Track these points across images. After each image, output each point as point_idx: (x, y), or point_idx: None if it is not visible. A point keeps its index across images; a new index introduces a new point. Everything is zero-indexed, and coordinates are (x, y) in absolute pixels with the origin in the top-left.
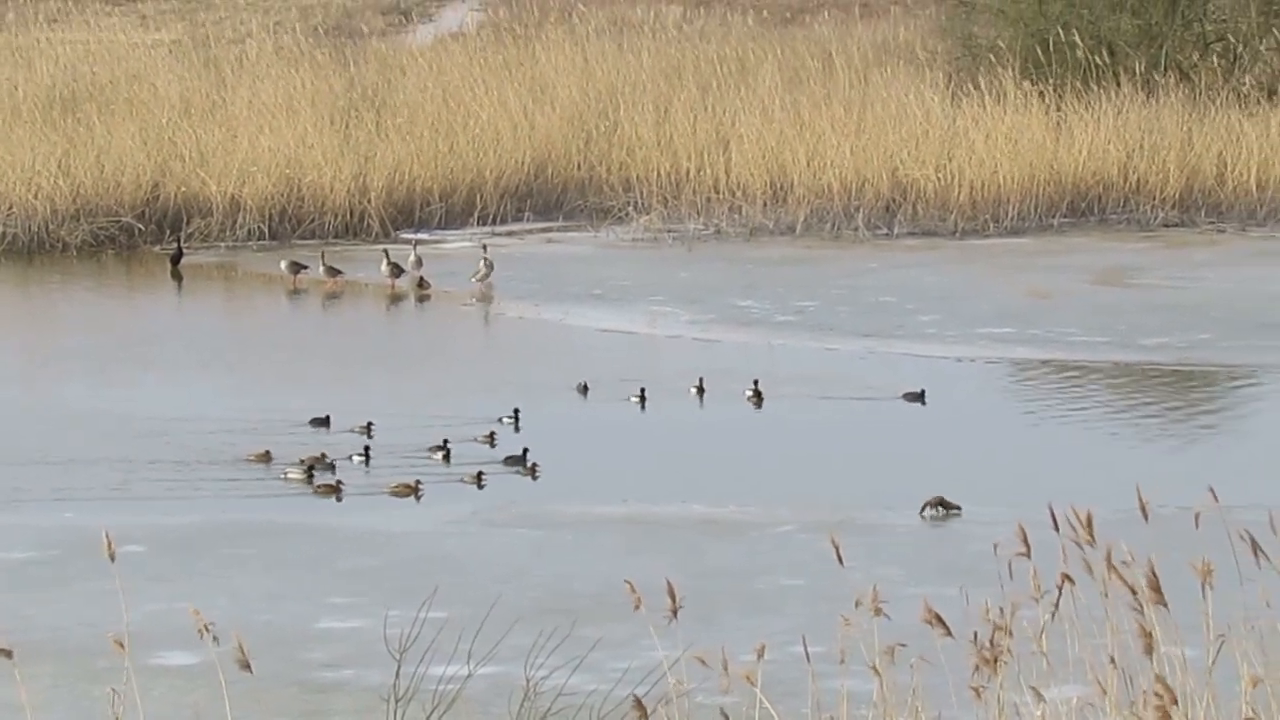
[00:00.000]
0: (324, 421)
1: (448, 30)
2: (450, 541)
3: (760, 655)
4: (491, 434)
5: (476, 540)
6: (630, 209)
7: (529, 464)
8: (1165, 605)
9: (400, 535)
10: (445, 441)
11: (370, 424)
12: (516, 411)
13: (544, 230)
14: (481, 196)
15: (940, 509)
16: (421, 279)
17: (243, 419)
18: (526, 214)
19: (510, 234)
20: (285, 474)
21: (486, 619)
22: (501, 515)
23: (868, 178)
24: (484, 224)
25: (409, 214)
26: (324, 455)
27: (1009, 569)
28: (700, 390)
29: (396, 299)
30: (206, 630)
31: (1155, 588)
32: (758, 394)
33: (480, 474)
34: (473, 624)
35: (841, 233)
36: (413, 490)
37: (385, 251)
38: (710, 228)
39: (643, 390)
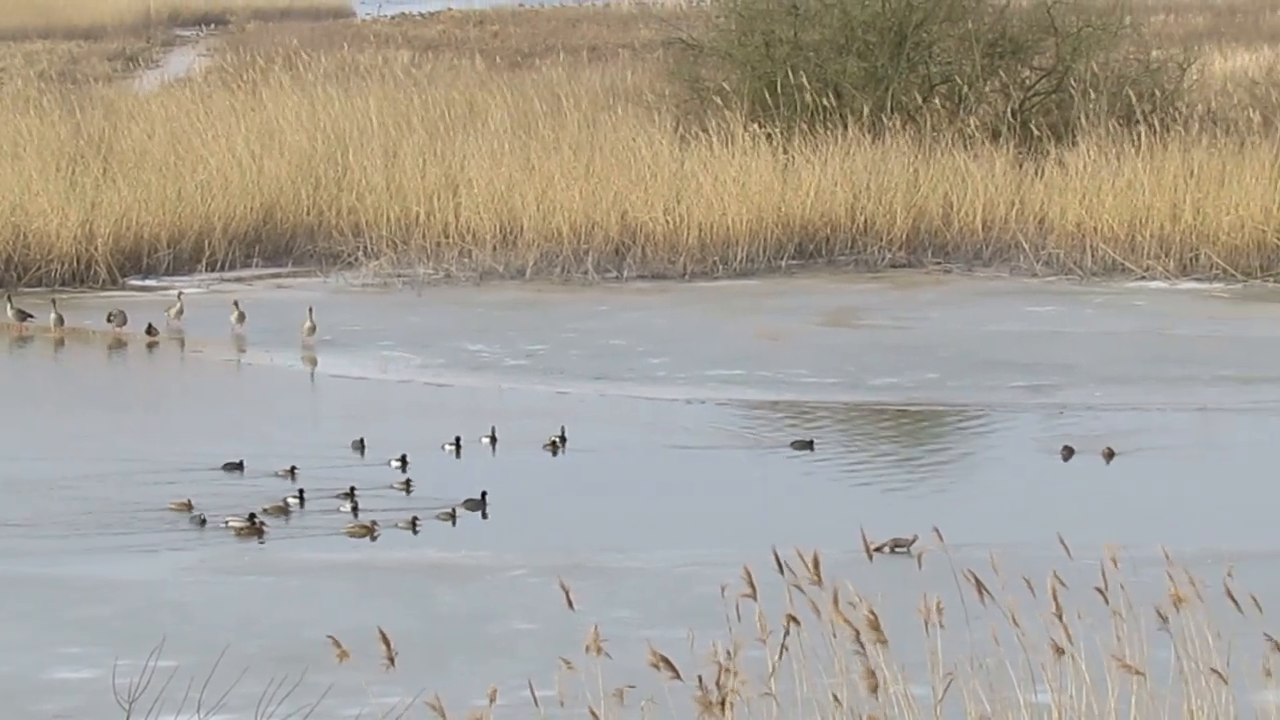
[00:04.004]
0: (238, 466)
1: (174, 76)
2: (180, 590)
3: (493, 700)
4: (408, 481)
5: (206, 588)
6: (360, 254)
7: (485, 507)
8: (885, 643)
9: (130, 584)
10: (353, 489)
11: (294, 468)
12: (404, 457)
13: (273, 276)
14: (210, 243)
15: (897, 548)
16: (150, 325)
17: None
18: (255, 260)
19: (239, 280)
20: (227, 522)
21: (216, 667)
22: (232, 562)
23: (597, 221)
24: (212, 270)
25: (137, 260)
26: (286, 501)
27: (737, 611)
28: (493, 439)
29: (123, 345)
30: None
31: (877, 627)
32: (555, 442)
33: (415, 519)
34: (203, 672)
35: (571, 276)
36: (369, 531)
37: (118, 311)
38: (440, 272)
39: (458, 439)
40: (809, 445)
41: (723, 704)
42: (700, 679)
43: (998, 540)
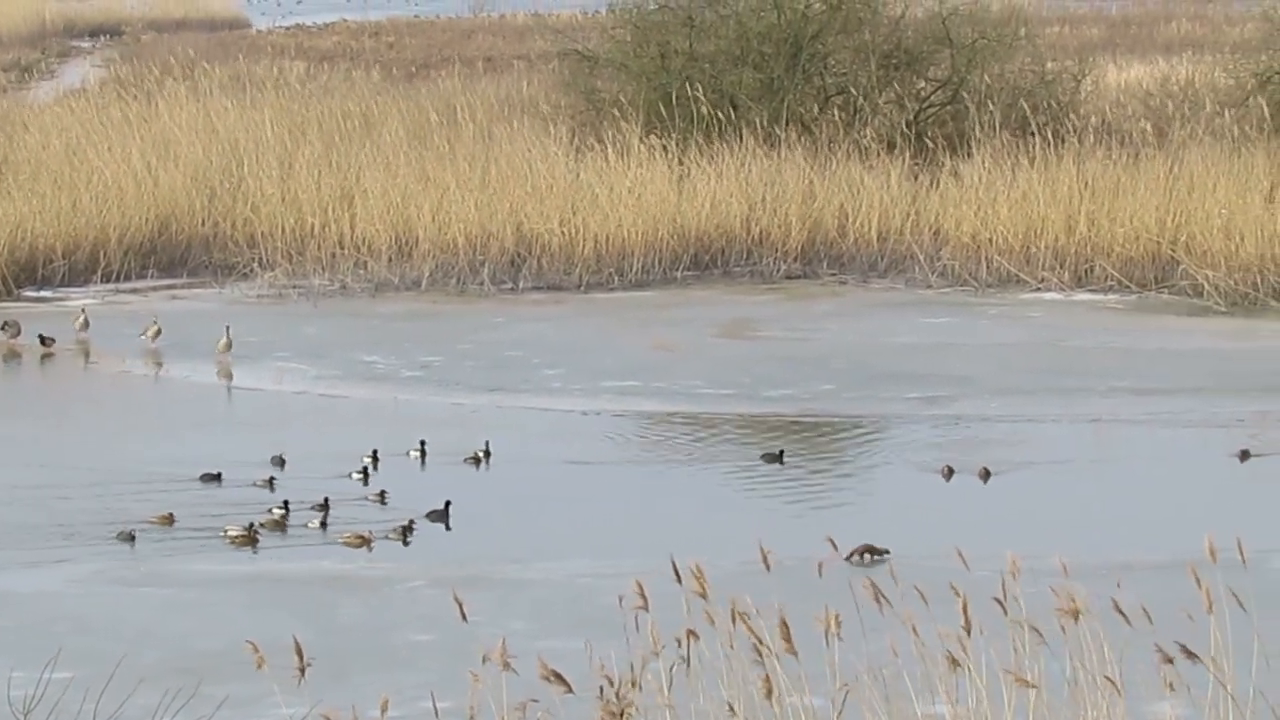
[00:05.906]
0: (216, 477)
1: (69, 87)
2: (76, 601)
3: (384, 710)
4: (383, 492)
5: (103, 600)
6: (255, 265)
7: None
8: (795, 654)
9: (26, 596)
10: (326, 500)
11: (272, 478)
12: (365, 469)
13: (168, 287)
14: (105, 254)
15: (868, 555)
16: (42, 336)
17: None
18: (151, 271)
19: (134, 291)
20: (225, 530)
21: (112, 678)
22: (129, 573)
23: (492, 232)
24: (108, 281)
25: (31, 271)
26: (271, 510)
27: (636, 622)
28: (422, 452)
29: (18, 356)
30: None
31: (788, 637)
32: (478, 457)
33: (403, 528)
34: (98, 683)
35: (467, 287)
36: (366, 542)
37: (12, 321)
38: (336, 283)
39: (375, 452)
40: (778, 458)
41: (621, 715)
42: (602, 689)
43: (894, 552)
